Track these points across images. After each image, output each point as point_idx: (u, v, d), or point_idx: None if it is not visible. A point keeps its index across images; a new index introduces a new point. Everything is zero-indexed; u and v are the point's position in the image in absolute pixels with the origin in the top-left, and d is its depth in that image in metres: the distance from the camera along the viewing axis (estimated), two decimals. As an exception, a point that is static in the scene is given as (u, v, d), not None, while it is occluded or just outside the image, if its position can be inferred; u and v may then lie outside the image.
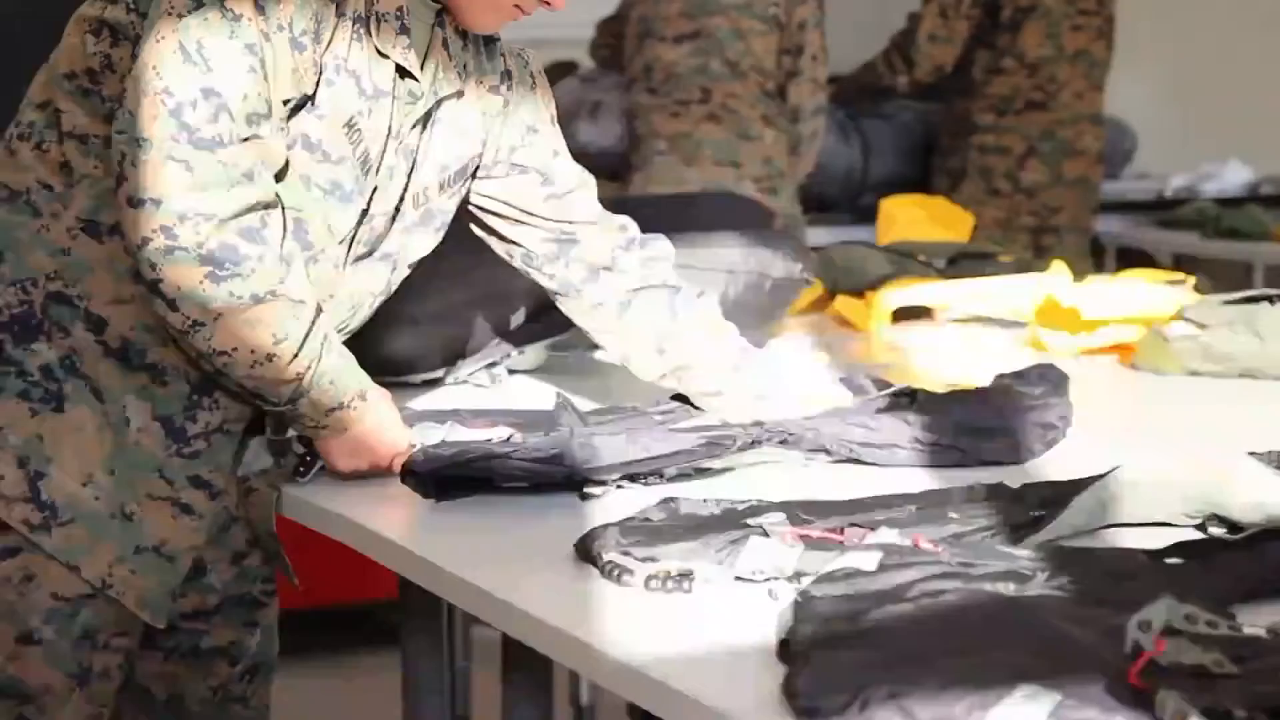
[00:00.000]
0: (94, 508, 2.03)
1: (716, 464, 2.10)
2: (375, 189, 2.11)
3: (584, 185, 2.33)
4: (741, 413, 2.24)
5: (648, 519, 1.82)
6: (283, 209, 2.01)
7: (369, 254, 2.15)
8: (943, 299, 3.34)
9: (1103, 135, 5.41)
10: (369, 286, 2.18)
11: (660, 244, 2.38)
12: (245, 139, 1.93)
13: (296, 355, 2.00)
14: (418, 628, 2.42)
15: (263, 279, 1.95)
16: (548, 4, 2.07)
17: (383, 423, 2.11)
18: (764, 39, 4.64)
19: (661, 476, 2.04)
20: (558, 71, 5.82)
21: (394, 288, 2.23)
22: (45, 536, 2.02)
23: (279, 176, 2.01)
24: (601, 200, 2.37)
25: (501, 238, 2.33)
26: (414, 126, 2.13)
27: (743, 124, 4.64)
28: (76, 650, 2.07)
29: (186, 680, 2.24)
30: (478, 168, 2.26)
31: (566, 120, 4.97)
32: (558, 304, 2.38)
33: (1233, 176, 6.03)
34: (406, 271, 2.23)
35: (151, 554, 2.07)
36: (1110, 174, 6.03)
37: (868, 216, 4.89)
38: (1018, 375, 2.40)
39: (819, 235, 5.01)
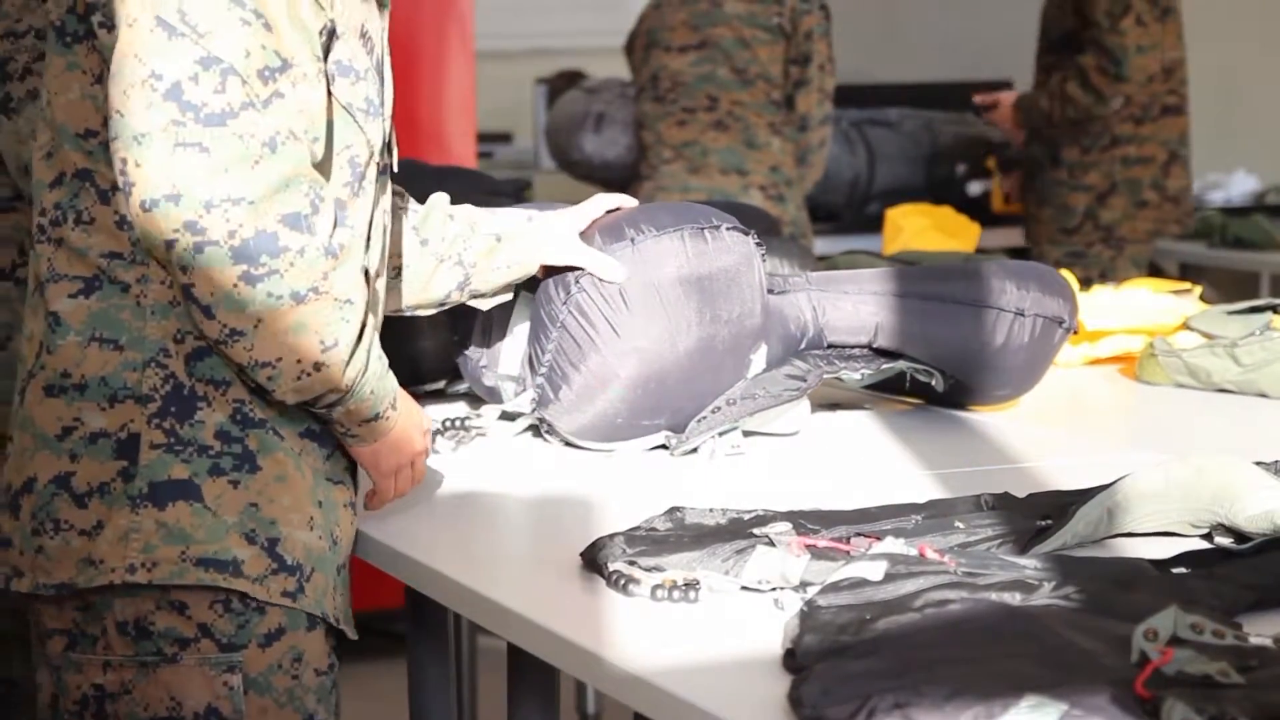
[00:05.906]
0: (320, 546, 1.87)
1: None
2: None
3: None
4: (487, 254, 2.19)
5: (654, 529, 1.82)
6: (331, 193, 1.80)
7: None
8: (949, 308, 3.33)
9: None
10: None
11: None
12: (265, 100, 1.72)
13: (347, 364, 1.79)
14: (424, 637, 2.42)
15: (303, 274, 1.72)
16: None
17: (410, 423, 1.94)
18: (770, 47, 4.64)
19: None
20: (564, 81, 5.82)
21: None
22: (303, 598, 1.85)
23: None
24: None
25: None
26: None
27: (749, 132, 4.64)
28: None
29: None
30: None
31: (571, 132, 5.01)
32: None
33: (1239, 186, 6.02)
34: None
35: (344, 569, 1.92)
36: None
37: (873, 225, 4.89)
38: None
39: (824, 244, 5.01)
